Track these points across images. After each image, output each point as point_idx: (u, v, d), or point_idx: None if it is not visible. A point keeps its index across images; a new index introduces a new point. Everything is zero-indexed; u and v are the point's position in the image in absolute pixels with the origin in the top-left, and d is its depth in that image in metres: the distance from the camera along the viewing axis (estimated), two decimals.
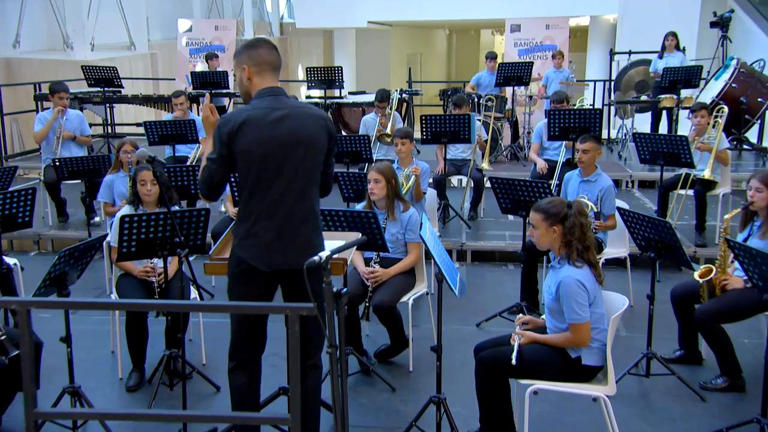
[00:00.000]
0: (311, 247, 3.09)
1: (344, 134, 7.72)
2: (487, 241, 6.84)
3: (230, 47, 12.10)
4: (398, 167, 5.64)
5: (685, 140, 6.07)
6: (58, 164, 6.26)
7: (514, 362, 3.31)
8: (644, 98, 10.10)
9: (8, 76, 11.35)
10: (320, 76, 9.50)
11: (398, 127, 7.05)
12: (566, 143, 6.98)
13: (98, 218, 7.06)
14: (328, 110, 9.27)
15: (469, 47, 29.15)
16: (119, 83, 9.79)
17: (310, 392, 3.25)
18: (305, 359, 3.18)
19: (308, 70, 9.63)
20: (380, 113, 7.51)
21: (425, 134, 6.80)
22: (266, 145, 3.00)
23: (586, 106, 9.54)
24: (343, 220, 4.38)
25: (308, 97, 9.99)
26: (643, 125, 10.32)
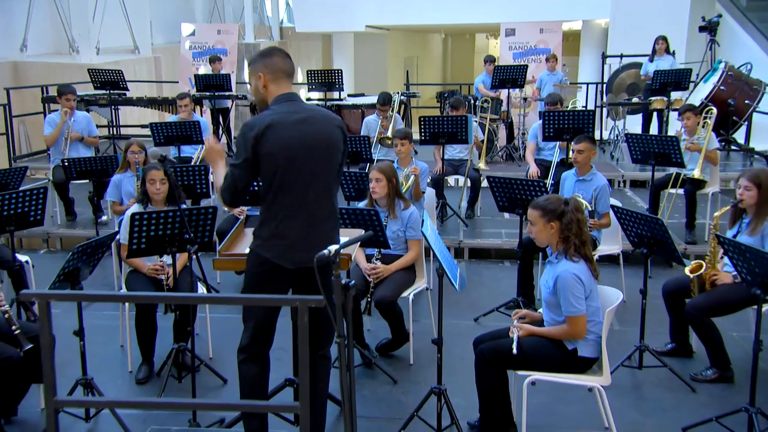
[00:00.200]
0: (333, 243, 3.13)
1: None
2: (484, 238, 6.87)
3: (232, 51, 12.12)
4: (398, 167, 5.66)
5: (675, 140, 6.11)
6: (67, 164, 6.29)
7: (515, 351, 3.34)
8: (635, 100, 10.15)
9: (16, 79, 11.35)
10: (320, 78, 9.53)
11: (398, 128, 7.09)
12: (560, 144, 7.02)
13: (105, 217, 7.09)
14: None
15: (464, 51, 29.21)
16: (124, 86, 9.81)
17: (320, 381, 3.29)
18: (316, 350, 3.23)
19: (309, 72, 9.65)
20: (382, 116, 7.54)
21: (424, 135, 6.83)
22: (291, 146, 3.04)
23: (578, 107, 9.59)
24: (346, 217, 4.42)
25: (308, 99, 10.01)
26: (634, 126, 10.36)
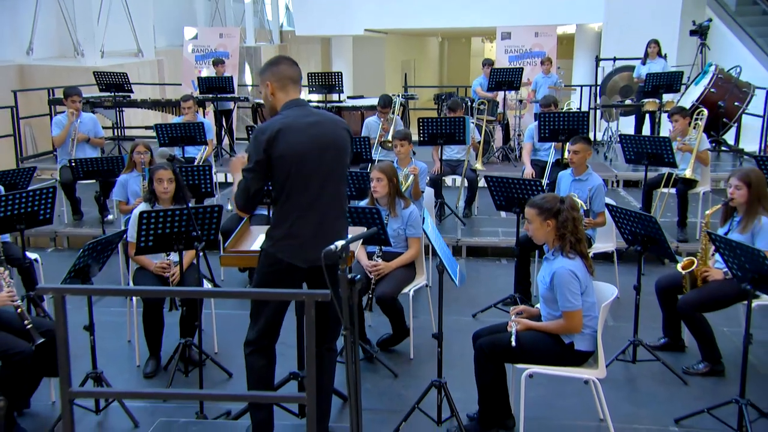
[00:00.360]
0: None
1: None
2: (481, 237, 6.90)
3: (234, 54, 12.16)
4: (397, 167, 5.69)
5: (668, 141, 6.16)
6: (74, 165, 6.32)
7: (514, 344, 3.38)
8: (628, 102, 10.22)
9: (22, 81, 11.37)
10: (321, 81, 9.55)
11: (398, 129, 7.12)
12: (555, 144, 7.06)
13: (111, 216, 7.11)
14: None
15: (460, 54, 29.25)
16: (129, 88, 9.83)
17: (325, 373, 3.33)
18: (322, 343, 3.26)
19: (309, 75, 9.66)
20: (382, 117, 7.58)
21: (422, 136, 6.86)
22: (302, 149, 3.07)
23: (573, 109, 9.63)
24: (348, 216, 4.45)
25: (308, 101, 10.00)
26: (627, 128, 10.41)
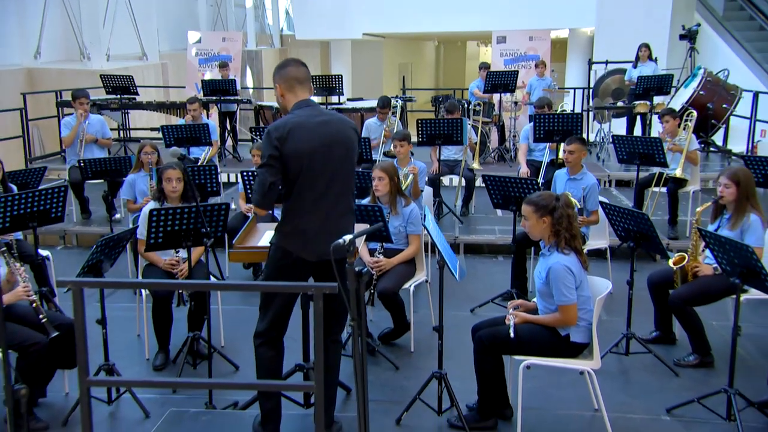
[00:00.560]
0: None
1: None
2: (478, 235, 6.94)
3: (236, 57, 12.22)
4: (397, 167, 5.73)
5: (659, 141, 6.22)
6: (82, 165, 6.35)
7: (512, 335, 3.42)
8: (620, 104, 10.26)
9: (30, 84, 11.38)
10: (321, 83, 9.58)
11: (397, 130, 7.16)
12: (550, 145, 7.10)
13: (119, 215, 7.14)
14: None
15: (455, 58, 29.29)
16: (135, 91, 9.85)
17: (331, 363, 3.37)
18: (328, 335, 3.30)
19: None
20: (382, 118, 7.62)
21: (421, 137, 6.89)
22: (312, 146, 3.11)
23: (567, 111, 9.67)
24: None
25: None
26: (619, 129, 10.46)
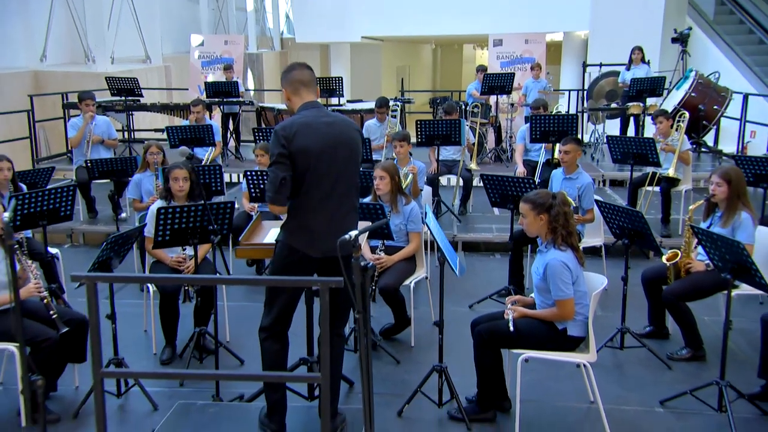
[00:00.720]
0: None
1: None
2: (476, 233, 6.96)
3: (238, 60, 12.24)
4: (397, 167, 5.77)
5: (652, 142, 6.26)
6: (89, 165, 6.38)
7: (512, 329, 3.46)
8: (614, 106, 10.30)
9: (36, 87, 11.39)
10: (322, 85, 9.60)
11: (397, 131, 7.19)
12: (546, 145, 7.14)
13: (124, 214, 7.16)
14: None
15: (452, 61, 29.34)
16: (139, 93, 9.87)
17: (334, 357, 3.40)
18: (332, 328, 3.31)
19: None
20: (380, 118, 7.65)
21: (420, 137, 6.92)
22: (319, 146, 3.14)
23: (562, 113, 9.72)
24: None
25: None
26: (612, 130, 10.49)
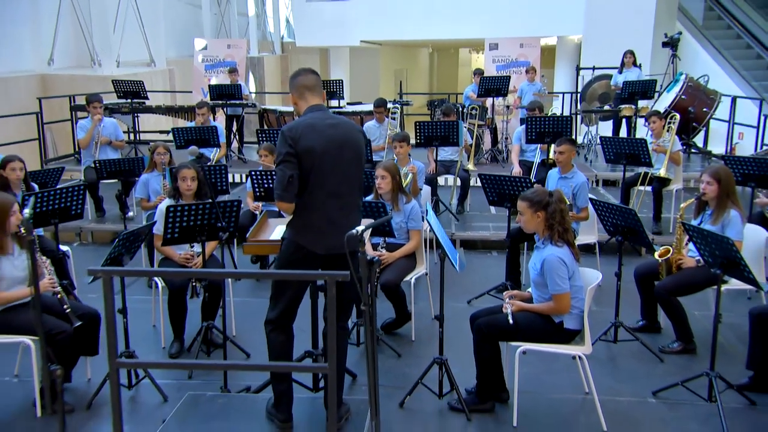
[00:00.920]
0: None
1: None
2: (473, 231, 7.01)
3: (241, 63, 12.28)
4: (397, 166, 5.81)
5: (644, 142, 6.31)
6: (97, 166, 6.41)
7: (510, 322, 3.50)
8: (606, 108, 10.36)
9: (44, 90, 11.41)
10: (322, 88, 9.62)
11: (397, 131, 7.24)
12: (541, 146, 7.19)
13: (132, 213, 7.19)
14: None
15: (448, 64, 29.42)
16: (145, 95, 9.90)
17: (339, 349, 3.43)
18: (337, 321, 3.36)
19: None
20: (379, 118, 7.71)
21: (419, 138, 6.97)
22: (324, 147, 3.18)
23: (556, 114, 9.76)
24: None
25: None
26: (605, 132, 10.52)
